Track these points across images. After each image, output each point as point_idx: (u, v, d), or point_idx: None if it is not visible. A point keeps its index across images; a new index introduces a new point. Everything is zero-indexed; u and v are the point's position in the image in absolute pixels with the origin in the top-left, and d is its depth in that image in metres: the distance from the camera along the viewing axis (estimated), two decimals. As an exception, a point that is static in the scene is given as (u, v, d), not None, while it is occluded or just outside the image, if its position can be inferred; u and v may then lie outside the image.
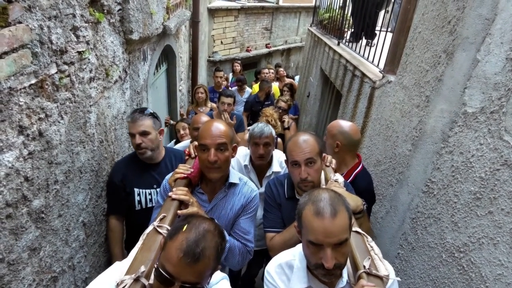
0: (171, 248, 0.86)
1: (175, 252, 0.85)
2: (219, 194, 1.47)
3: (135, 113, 1.82)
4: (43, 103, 1.26)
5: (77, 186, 1.60)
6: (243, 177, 1.58)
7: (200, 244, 0.86)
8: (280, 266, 1.17)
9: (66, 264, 1.55)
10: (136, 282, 0.91)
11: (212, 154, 1.31)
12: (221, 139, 1.33)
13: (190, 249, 0.85)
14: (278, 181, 1.65)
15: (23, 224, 1.20)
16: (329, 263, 0.94)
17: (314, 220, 0.97)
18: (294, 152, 1.42)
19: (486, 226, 1.29)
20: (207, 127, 1.37)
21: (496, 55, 1.34)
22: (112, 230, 1.93)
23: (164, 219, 1.16)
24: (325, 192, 1.04)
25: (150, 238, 1.09)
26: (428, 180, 1.69)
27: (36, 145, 1.23)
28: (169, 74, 4.10)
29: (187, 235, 0.87)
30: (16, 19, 1.08)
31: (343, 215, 0.98)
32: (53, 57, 1.30)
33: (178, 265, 0.84)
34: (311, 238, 0.97)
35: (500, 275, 1.21)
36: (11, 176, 1.11)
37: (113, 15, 1.89)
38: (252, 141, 2.00)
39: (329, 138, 1.89)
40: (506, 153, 1.23)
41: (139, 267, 0.95)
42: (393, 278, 1.06)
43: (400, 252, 1.89)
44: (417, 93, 1.90)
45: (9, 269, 1.15)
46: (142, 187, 1.89)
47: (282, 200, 1.59)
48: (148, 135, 1.78)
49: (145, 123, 1.78)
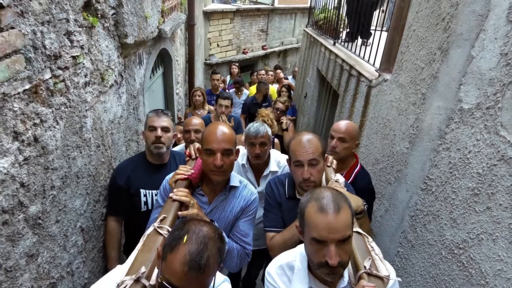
0: (174, 262, 0.85)
1: (179, 267, 0.84)
2: (219, 197, 1.48)
3: (157, 110, 1.92)
4: (38, 109, 1.25)
5: (74, 192, 1.59)
6: (243, 180, 1.59)
7: (203, 255, 0.86)
8: (281, 267, 1.17)
9: (64, 270, 1.54)
10: (136, 283, 0.91)
11: (219, 159, 1.32)
12: (227, 145, 1.34)
13: (194, 262, 0.84)
14: (279, 181, 1.65)
15: (20, 230, 1.19)
16: (333, 260, 0.94)
17: (317, 216, 0.98)
18: (297, 151, 1.42)
19: (485, 222, 1.29)
20: (213, 131, 1.36)
21: (490, 50, 1.34)
22: (109, 233, 1.92)
23: (165, 220, 1.16)
24: (327, 190, 1.05)
25: (151, 239, 1.09)
26: (426, 177, 1.69)
27: (32, 150, 1.23)
28: (166, 77, 4.10)
29: (189, 247, 0.86)
30: (9, 24, 1.07)
31: (346, 212, 0.98)
32: (47, 62, 1.29)
33: (184, 279, 0.84)
34: (315, 234, 0.98)
35: (500, 271, 1.20)
36: (6, 182, 1.10)
37: (107, 19, 1.89)
38: (248, 141, 2.00)
39: (350, 140, 1.86)
40: (503, 148, 1.23)
41: (140, 267, 0.95)
42: (394, 279, 1.06)
43: (400, 250, 1.89)
44: (413, 91, 1.90)
45: (7, 276, 1.14)
46: (149, 188, 1.89)
47: (282, 200, 1.59)
48: (167, 132, 1.86)
49: (167, 120, 1.88)
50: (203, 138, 1.40)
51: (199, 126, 2.28)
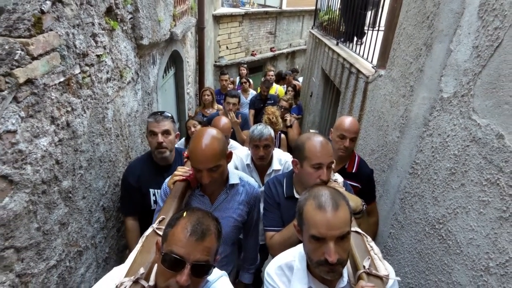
0: (177, 231, 0.89)
1: (182, 233, 0.87)
2: (220, 196, 1.48)
3: (156, 114, 1.89)
4: (70, 98, 1.48)
5: (98, 173, 1.82)
6: (244, 176, 1.59)
7: (203, 222, 0.91)
8: (280, 268, 1.17)
9: (89, 241, 1.76)
10: (135, 284, 0.92)
11: (205, 177, 1.28)
12: (213, 163, 1.28)
13: (196, 227, 0.88)
14: (277, 181, 1.66)
15: (55, 200, 1.42)
16: (333, 257, 0.94)
17: (316, 213, 0.98)
18: (319, 153, 1.38)
19: (460, 197, 1.44)
20: (197, 149, 1.28)
21: (465, 44, 1.49)
22: (130, 230, 1.97)
23: (163, 221, 1.17)
24: (325, 189, 1.06)
25: (150, 240, 1.10)
26: (413, 162, 1.84)
27: (65, 133, 1.45)
28: (177, 77, 4.34)
29: (189, 218, 0.91)
30: (48, 27, 1.30)
31: (344, 208, 0.99)
32: (77, 59, 1.52)
33: (187, 245, 0.87)
34: (314, 232, 0.97)
35: (472, 239, 1.35)
36: (45, 158, 1.33)
37: (125, 23, 2.12)
38: (253, 143, 2.05)
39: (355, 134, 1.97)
40: (474, 130, 1.38)
41: (139, 269, 0.95)
42: (393, 278, 1.06)
43: (392, 231, 2.04)
44: (403, 84, 2.06)
45: (44, 237, 1.36)
46: (157, 187, 1.92)
47: (281, 200, 1.60)
48: (169, 136, 1.86)
49: (167, 123, 1.86)
50: (189, 154, 1.35)
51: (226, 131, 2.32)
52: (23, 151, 1.20)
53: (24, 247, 1.25)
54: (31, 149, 1.24)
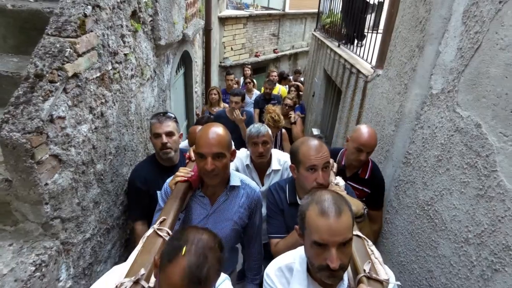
0: (173, 274, 0.80)
1: (179, 280, 0.79)
2: (220, 198, 1.46)
3: (158, 115, 1.88)
4: (103, 91, 1.69)
5: (123, 161, 2.02)
6: (245, 178, 1.57)
7: (203, 267, 0.81)
8: (280, 269, 1.16)
9: (115, 221, 1.96)
10: (135, 285, 0.91)
11: (209, 163, 1.26)
12: (218, 149, 1.28)
13: (194, 275, 0.80)
14: (279, 187, 1.65)
15: (91, 180, 1.62)
16: (335, 263, 0.93)
17: (319, 219, 0.97)
18: (312, 156, 1.38)
19: (445, 181, 1.64)
20: (204, 134, 1.30)
21: (451, 46, 1.70)
22: (140, 236, 1.86)
23: (164, 222, 1.17)
24: (328, 193, 1.04)
25: (150, 241, 1.10)
26: (406, 153, 2.04)
27: (99, 122, 1.66)
28: (186, 77, 4.55)
29: (189, 260, 0.81)
30: (89, 29, 1.51)
31: (347, 214, 0.98)
32: (109, 57, 1.73)
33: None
34: (316, 238, 0.96)
35: (454, 216, 1.55)
36: (85, 142, 1.53)
37: (146, 25, 2.33)
38: (251, 141, 2.07)
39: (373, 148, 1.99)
40: (458, 121, 1.58)
41: (139, 269, 0.95)
42: (393, 283, 1.06)
43: (387, 216, 2.24)
44: (398, 83, 2.26)
45: (82, 212, 1.57)
46: None
47: (284, 206, 1.59)
48: (173, 136, 1.85)
49: (170, 124, 1.85)
50: (195, 141, 1.34)
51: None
52: (69, 135, 1.41)
53: (68, 219, 1.45)
54: (75, 134, 1.45)
